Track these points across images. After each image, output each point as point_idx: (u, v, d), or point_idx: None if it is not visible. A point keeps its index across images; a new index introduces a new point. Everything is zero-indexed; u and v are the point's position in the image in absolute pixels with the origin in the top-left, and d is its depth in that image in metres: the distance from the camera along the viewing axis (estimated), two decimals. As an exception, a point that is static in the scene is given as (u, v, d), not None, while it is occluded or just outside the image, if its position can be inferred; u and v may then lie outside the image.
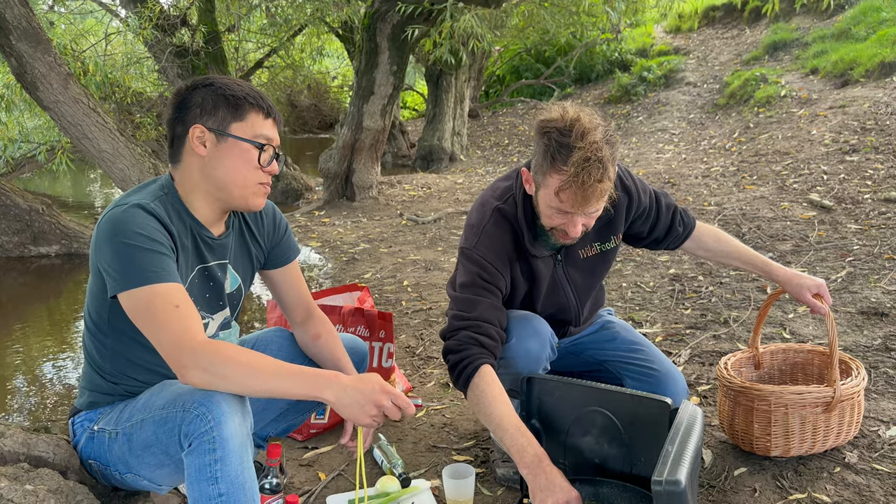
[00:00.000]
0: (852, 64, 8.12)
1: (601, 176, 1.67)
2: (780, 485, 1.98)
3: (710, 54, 11.83)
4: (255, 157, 1.62)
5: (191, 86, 1.64)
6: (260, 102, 1.63)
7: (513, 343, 1.90)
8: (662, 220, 2.14)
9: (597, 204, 1.75)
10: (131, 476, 1.63)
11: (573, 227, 1.79)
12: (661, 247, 2.22)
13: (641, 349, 2.12)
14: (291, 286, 1.90)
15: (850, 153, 6.03)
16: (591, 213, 1.78)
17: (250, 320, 4.15)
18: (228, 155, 1.60)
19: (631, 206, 2.05)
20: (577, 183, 1.67)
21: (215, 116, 1.60)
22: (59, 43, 6.83)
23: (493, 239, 1.90)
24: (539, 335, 1.93)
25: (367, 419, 1.49)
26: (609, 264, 2.13)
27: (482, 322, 1.84)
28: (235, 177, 1.62)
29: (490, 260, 1.89)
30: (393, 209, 7.07)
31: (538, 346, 1.91)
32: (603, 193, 1.73)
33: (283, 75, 13.38)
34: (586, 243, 2.02)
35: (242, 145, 1.61)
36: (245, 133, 1.61)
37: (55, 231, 5.64)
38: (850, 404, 2.00)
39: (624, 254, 4.62)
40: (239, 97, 1.60)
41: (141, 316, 1.47)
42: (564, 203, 1.74)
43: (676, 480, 1.36)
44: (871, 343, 2.86)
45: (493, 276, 1.89)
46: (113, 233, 1.49)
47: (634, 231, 2.15)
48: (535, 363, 1.92)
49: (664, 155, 8.24)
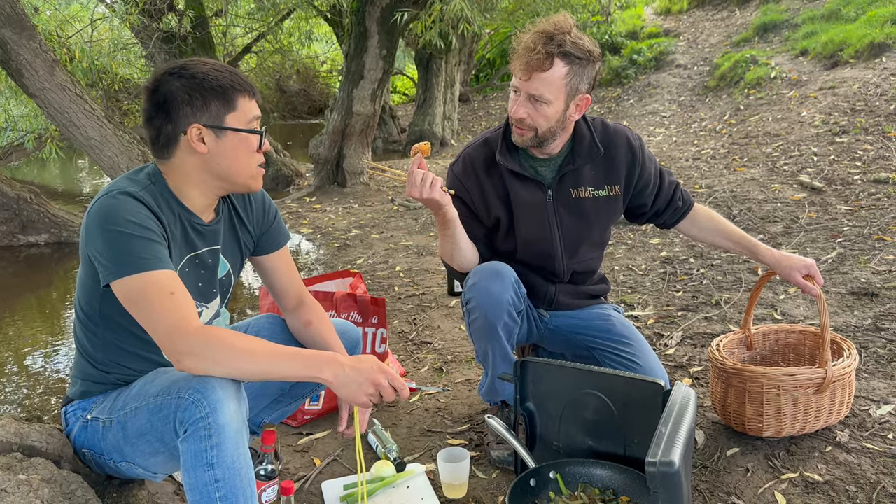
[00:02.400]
0: (842, 45, 8.12)
1: (543, 47, 1.86)
2: (773, 464, 1.99)
3: (701, 36, 11.81)
4: (256, 143, 1.61)
5: (163, 78, 1.56)
6: (244, 85, 1.60)
7: (475, 284, 2.00)
8: (664, 192, 2.19)
9: (537, 80, 1.89)
10: (126, 464, 1.62)
11: (514, 106, 1.96)
12: (660, 220, 2.25)
13: (631, 343, 2.13)
14: (282, 272, 1.89)
15: (840, 134, 6.05)
16: (533, 92, 1.91)
17: (242, 308, 4.14)
18: (230, 147, 1.59)
19: (634, 164, 2.11)
20: (522, 46, 1.90)
21: (209, 112, 1.56)
22: (44, 29, 6.75)
23: (466, 159, 2.13)
24: (501, 277, 1.99)
25: (363, 398, 1.50)
26: (602, 218, 2.15)
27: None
28: (239, 166, 1.61)
29: (459, 177, 2.11)
30: (384, 194, 7.05)
31: (500, 288, 1.97)
32: (541, 67, 1.87)
33: (272, 60, 13.28)
34: (580, 183, 2.09)
35: (242, 135, 1.59)
36: (241, 122, 1.59)
37: (44, 220, 5.60)
38: (841, 384, 2.02)
39: (616, 237, 4.63)
40: (226, 86, 1.57)
41: (135, 304, 1.46)
42: (514, 72, 1.93)
43: (670, 461, 1.37)
44: (862, 323, 2.88)
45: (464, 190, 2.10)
46: (104, 221, 1.48)
47: (641, 201, 2.19)
48: (497, 305, 1.96)
49: (655, 138, 8.23)
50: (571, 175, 2.08)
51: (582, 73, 1.92)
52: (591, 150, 2.06)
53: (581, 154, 2.06)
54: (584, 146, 2.06)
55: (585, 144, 2.06)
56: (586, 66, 1.92)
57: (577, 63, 1.89)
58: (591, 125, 2.10)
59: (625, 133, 2.12)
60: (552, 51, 1.86)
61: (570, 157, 2.07)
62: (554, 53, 1.86)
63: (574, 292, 2.22)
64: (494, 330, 1.98)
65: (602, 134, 2.10)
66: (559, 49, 1.86)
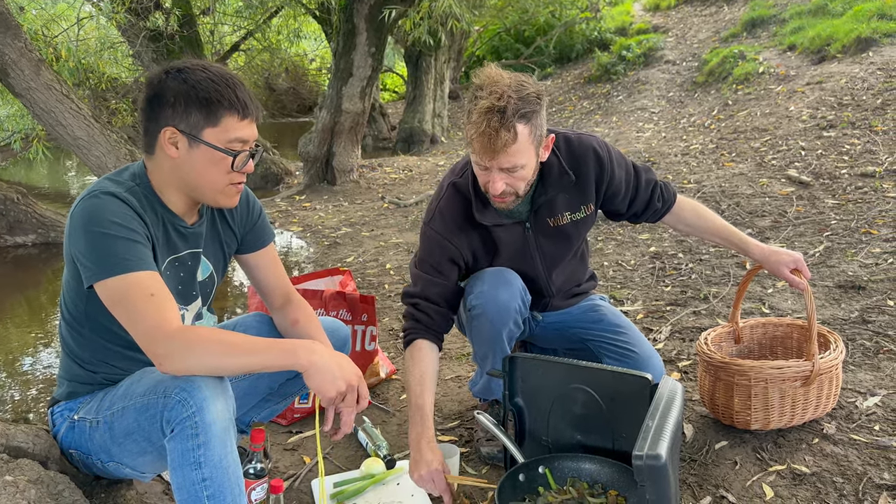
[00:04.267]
0: (829, 40, 8.15)
1: (498, 124, 1.71)
2: (760, 457, 2.00)
3: (689, 32, 11.83)
4: (229, 164, 1.56)
5: (164, 73, 1.55)
6: (234, 103, 1.54)
7: (483, 291, 1.97)
8: (641, 195, 2.14)
9: (506, 156, 1.77)
10: (113, 464, 1.62)
11: (492, 184, 1.84)
12: (640, 220, 2.23)
13: (624, 332, 2.13)
14: (268, 270, 1.88)
15: (828, 129, 6.08)
16: (506, 167, 1.80)
17: (232, 307, 4.13)
18: (200, 160, 1.55)
19: (602, 177, 2.05)
20: (479, 131, 1.74)
21: (187, 120, 1.52)
22: (29, 28, 6.70)
23: (445, 215, 2.01)
24: (509, 285, 1.97)
25: (332, 392, 1.50)
26: (582, 235, 2.14)
27: (421, 300, 2.01)
28: (207, 181, 1.58)
29: (445, 235, 2.00)
30: (374, 192, 7.04)
31: (508, 296, 1.95)
32: (507, 143, 1.74)
33: (260, 58, 13.22)
34: (556, 212, 2.04)
35: (215, 153, 1.55)
36: (219, 140, 1.54)
37: (31, 220, 5.56)
38: (828, 377, 2.03)
39: (605, 233, 4.64)
40: (213, 99, 1.51)
41: (117, 305, 1.46)
42: (476, 154, 1.81)
43: (657, 455, 1.38)
44: (849, 316, 2.90)
45: (445, 253, 2.00)
46: (87, 222, 1.47)
47: (614, 207, 2.16)
48: (505, 312, 1.95)
49: (644, 133, 8.25)
50: (546, 206, 2.01)
51: (539, 121, 1.81)
52: (561, 178, 1.98)
53: (552, 184, 1.98)
54: (554, 175, 1.98)
55: (555, 174, 1.98)
56: (540, 111, 1.81)
57: (533, 116, 1.78)
58: (556, 149, 1.99)
59: (591, 146, 2.03)
60: (510, 123, 1.73)
61: (542, 188, 1.98)
62: (513, 124, 1.73)
63: (565, 295, 2.23)
64: (499, 336, 1.97)
65: (568, 156, 2.00)
66: (515, 115, 1.73)
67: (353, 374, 1.54)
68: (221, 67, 1.60)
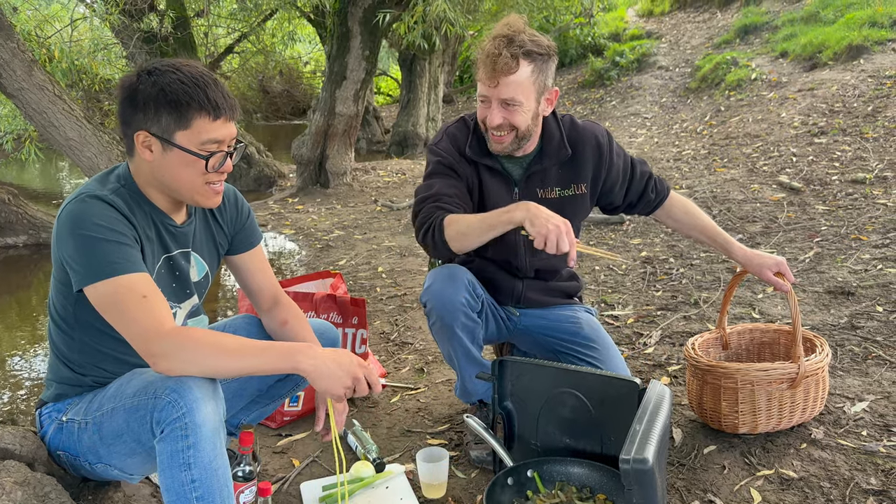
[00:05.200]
0: (821, 47, 8.21)
1: (504, 49, 1.87)
2: (749, 461, 2.01)
3: (682, 38, 11.90)
4: (203, 166, 1.55)
5: (134, 77, 1.53)
6: (205, 104, 1.51)
7: (429, 287, 2.02)
8: (636, 185, 2.20)
9: (506, 84, 1.90)
10: (102, 466, 1.61)
11: (491, 114, 1.95)
12: (634, 211, 2.27)
13: (596, 348, 2.13)
14: (256, 271, 1.88)
15: (819, 135, 6.12)
16: (505, 97, 1.92)
17: (222, 309, 4.12)
18: (174, 163, 1.54)
19: (601, 164, 2.12)
20: (485, 54, 1.91)
21: (159, 123, 1.51)
22: (22, 29, 6.67)
23: (451, 137, 2.12)
24: (454, 279, 2.00)
25: (340, 390, 1.50)
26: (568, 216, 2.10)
27: (441, 195, 2.02)
28: (183, 183, 1.57)
29: (449, 153, 2.09)
30: (367, 195, 7.04)
31: (452, 290, 1.98)
32: (509, 68, 1.88)
33: (255, 61, 13.22)
34: (547, 184, 2.10)
35: (188, 156, 1.53)
36: (191, 142, 1.52)
37: (22, 221, 5.53)
38: (814, 380, 2.04)
39: (597, 237, 4.65)
40: (182, 102, 1.49)
41: (108, 309, 1.45)
42: (481, 82, 1.94)
43: (644, 458, 1.38)
44: (838, 322, 2.92)
45: (452, 163, 2.08)
46: (74, 225, 1.47)
47: (611, 197, 2.20)
48: (451, 306, 1.98)
49: (637, 139, 8.29)
50: (539, 175, 2.09)
51: (546, 69, 1.95)
52: (559, 151, 2.08)
53: (549, 154, 2.08)
54: (553, 146, 2.08)
55: (554, 144, 2.08)
56: (548, 61, 1.95)
57: (539, 59, 1.92)
58: (561, 122, 2.11)
59: (593, 131, 2.13)
60: (515, 52, 1.87)
61: (539, 157, 2.08)
62: (518, 55, 1.87)
63: (543, 288, 2.23)
64: (452, 331, 2.00)
65: (570, 132, 2.11)
66: (521, 49, 1.88)
67: (356, 365, 1.52)
68: (195, 67, 1.56)
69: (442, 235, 1.92)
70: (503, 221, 1.84)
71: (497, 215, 1.86)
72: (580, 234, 2.29)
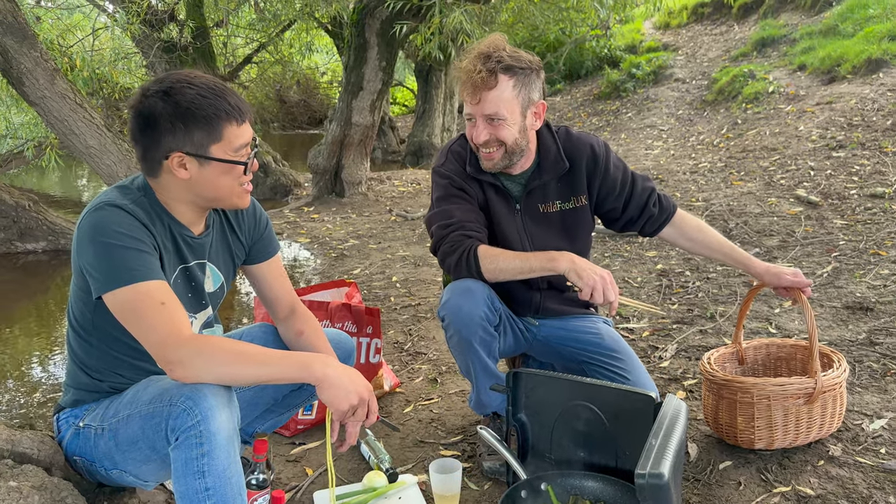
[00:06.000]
0: (839, 60, 8.16)
1: (482, 66, 1.89)
2: (765, 478, 1.99)
3: (699, 50, 11.86)
4: (241, 171, 1.60)
5: (147, 98, 1.51)
6: (230, 112, 1.53)
7: (447, 301, 2.00)
8: (636, 199, 2.18)
9: (488, 100, 1.92)
10: (117, 472, 1.62)
11: (476, 131, 1.97)
12: (637, 228, 2.23)
13: (621, 358, 2.13)
14: (273, 281, 1.89)
15: (837, 149, 6.07)
16: (488, 112, 1.93)
17: (238, 317, 4.14)
18: (213, 175, 1.57)
19: (595, 171, 2.12)
20: (464, 72, 1.93)
21: (192, 141, 1.52)
22: (45, 38, 6.79)
23: (455, 156, 2.13)
24: (472, 294, 1.98)
25: (345, 406, 1.51)
26: (573, 229, 2.16)
27: (465, 222, 2.03)
28: (223, 191, 1.61)
29: (456, 174, 2.10)
30: (382, 205, 7.06)
31: (471, 304, 1.97)
32: (488, 83, 1.90)
33: (272, 71, 13.32)
34: (548, 199, 2.12)
35: (226, 165, 1.56)
36: (227, 153, 1.55)
37: (42, 227, 5.60)
38: (832, 395, 2.02)
39: (612, 249, 4.64)
40: (210, 115, 1.51)
41: (127, 315, 1.47)
42: (465, 102, 1.95)
43: (659, 473, 1.37)
44: (856, 337, 2.88)
45: (461, 185, 2.08)
46: (94, 233, 1.49)
47: (608, 207, 2.19)
48: (469, 320, 1.97)
49: (653, 151, 8.26)
50: (539, 190, 2.11)
51: (528, 83, 1.95)
52: (556, 165, 2.09)
53: (547, 168, 2.09)
54: (550, 160, 2.09)
55: (551, 158, 2.09)
56: (531, 75, 1.95)
57: (520, 73, 1.93)
58: (556, 135, 2.12)
59: (589, 141, 2.13)
60: (493, 67, 1.89)
61: (537, 172, 2.09)
62: (496, 70, 1.89)
63: (561, 298, 2.23)
64: (470, 345, 2.00)
65: (566, 144, 2.11)
66: (500, 64, 1.90)
67: (365, 388, 1.56)
68: (205, 77, 1.57)
69: (478, 267, 1.96)
70: (545, 269, 1.91)
71: (539, 262, 1.92)
72: (590, 250, 2.28)
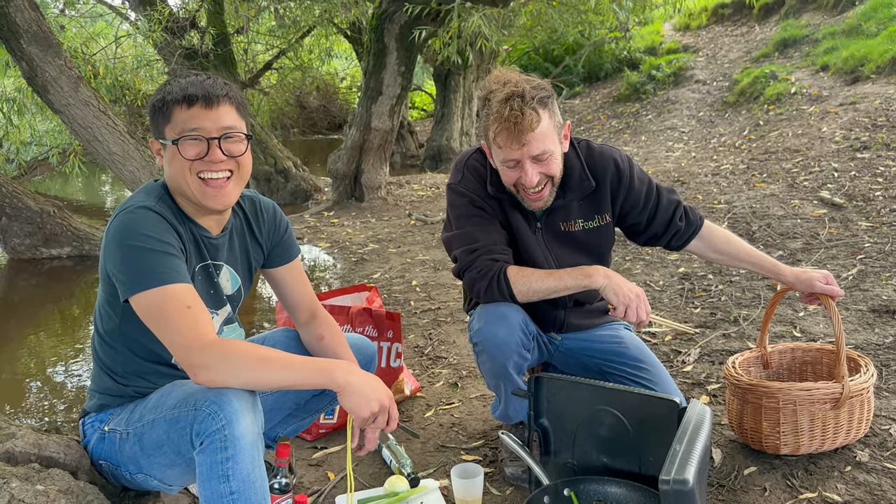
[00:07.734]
0: (863, 60, 8.06)
1: (522, 105, 1.79)
2: (791, 484, 1.97)
3: (720, 52, 11.77)
4: (188, 155, 1.55)
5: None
6: (177, 94, 1.54)
7: (481, 328, 1.96)
8: (661, 213, 2.12)
9: (534, 140, 1.83)
10: (142, 476, 1.64)
11: (526, 176, 1.87)
12: (662, 243, 2.18)
13: (647, 368, 2.10)
14: (294, 285, 1.90)
15: (861, 150, 5.99)
16: (536, 153, 1.85)
17: (260, 321, 4.16)
18: (168, 160, 1.60)
19: (619, 187, 2.07)
20: (502, 119, 1.80)
21: (156, 126, 1.60)
22: (69, 46, 6.88)
23: (473, 172, 2.04)
24: (506, 320, 1.94)
25: (366, 413, 1.52)
26: (594, 244, 2.11)
27: (490, 246, 1.98)
28: (179, 179, 1.59)
29: (476, 192, 2.02)
30: (402, 209, 7.08)
31: (506, 331, 1.93)
32: (533, 124, 1.80)
33: (292, 76, 13.42)
34: (570, 218, 2.06)
35: (171, 148, 1.57)
36: (173, 134, 1.56)
37: (66, 233, 5.67)
38: (859, 400, 1.99)
39: (633, 252, 4.61)
40: (164, 98, 1.56)
41: (153, 318, 1.48)
42: (504, 148, 1.85)
43: (684, 479, 1.36)
44: (883, 341, 2.84)
45: (482, 204, 2.02)
46: (122, 237, 1.50)
47: (631, 222, 2.15)
48: (505, 347, 1.94)
49: (674, 153, 8.21)
50: (561, 210, 2.05)
51: (554, 108, 1.90)
52: (581, 184, 2.02)
53: (572, 188, 2.02)
54: (575, 179, 2.02)
55: (576, 177, 2.02)
56: (553, 99, 1.90)
57: (549, 100, 1.87)
58: (579, 150, 2.05)
59: (612, 156, 2.07)
60: (532, 104, 1.81)
61: (561, 191, 2.02)
62: (536, 107, 1.81)
63: (583, 313, 2.21)
64: (505, 369, 1.97)
65: (589, 160, 2.05)
66: (535, 99, 1.82)
67: (386, 395, 1.57)
68: (202, 74, 1.63)
69: (510, 290, 1.93)
70: (580, 285, 1.89)
71: (574, 279, 1.89)
72: (611, 260, 2.24)
